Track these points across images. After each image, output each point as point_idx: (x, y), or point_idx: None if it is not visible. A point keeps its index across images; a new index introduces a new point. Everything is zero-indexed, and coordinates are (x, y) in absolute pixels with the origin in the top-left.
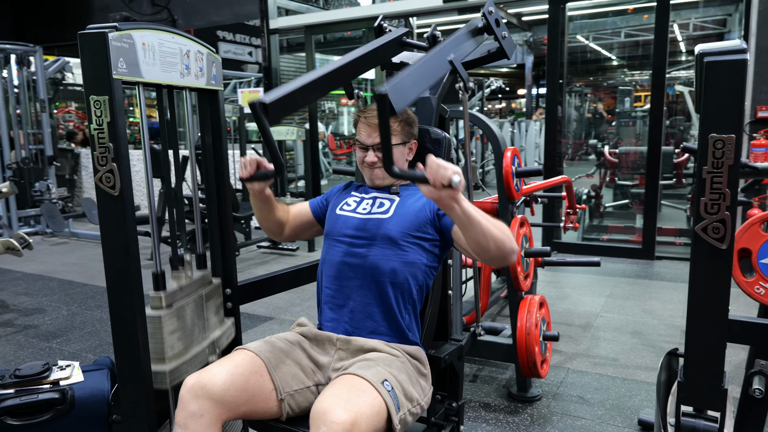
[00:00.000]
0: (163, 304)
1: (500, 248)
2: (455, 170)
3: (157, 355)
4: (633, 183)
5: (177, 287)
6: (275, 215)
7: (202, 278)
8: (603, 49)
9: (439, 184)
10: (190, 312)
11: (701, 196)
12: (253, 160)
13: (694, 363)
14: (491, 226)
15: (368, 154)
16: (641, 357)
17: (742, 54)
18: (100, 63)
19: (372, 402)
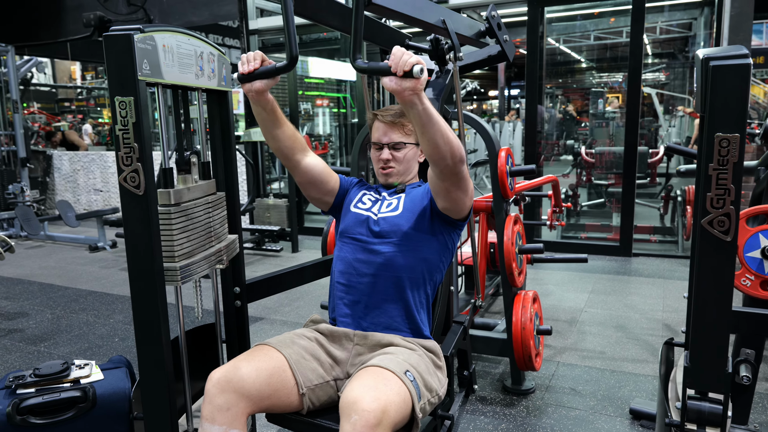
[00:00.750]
0: (171, 201)
1: (453, 153)
2: (417, 60)
3: (168, 252)
4: (609, 182)
5: (184, 187)
6: (283, 132)
7: (207, 185)
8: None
9: (401, 70)
10: (197, 215)
11: (707, 192)
12: (258, 54)
13: (700, 349)
14: (447, 129)
15: (383, 152)
16: (627, 350)
17: (747, 59)
18: (125, 64)
19: (398, 391)
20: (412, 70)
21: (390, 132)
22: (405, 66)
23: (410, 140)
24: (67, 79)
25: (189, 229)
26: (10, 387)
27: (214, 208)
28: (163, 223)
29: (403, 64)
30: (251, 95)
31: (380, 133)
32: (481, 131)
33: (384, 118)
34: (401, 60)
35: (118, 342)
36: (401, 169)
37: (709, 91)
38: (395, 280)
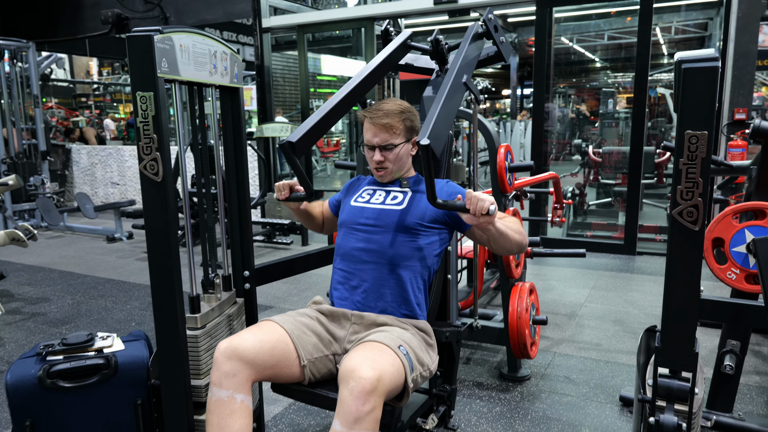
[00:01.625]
0: (198, 325)
1: (520, 248)
2: (491, 201)
3: (194, 370)
4: (616, 182)
5: (209, 309)
6: (315, 221)
7: (228, 299)
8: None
9: (479, 213)
10: (219, 332)
11: (678, 185)
12: (285, 185)
13: (670, 330)
14: (515, 234)
15: (375, 154)
16: (623, 342)
17: (715, 62)
18: (146, 62)
19: (392, 362)
20: (488, 211)
21: (380, 133)
22: (482, 210)
23: (400, 140)
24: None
25: (213, 347)
26: (41, 354)
27: (235, 319)
28: (191, 346)
29: (481, 209)
30: (289, 208)
31: (371, 135)
32: (482, 128)
33: (373, 120)
34: (477, 206)
35: (134, 326)
36: (394, 168)
37: (680, 92)
38: (392, 268)
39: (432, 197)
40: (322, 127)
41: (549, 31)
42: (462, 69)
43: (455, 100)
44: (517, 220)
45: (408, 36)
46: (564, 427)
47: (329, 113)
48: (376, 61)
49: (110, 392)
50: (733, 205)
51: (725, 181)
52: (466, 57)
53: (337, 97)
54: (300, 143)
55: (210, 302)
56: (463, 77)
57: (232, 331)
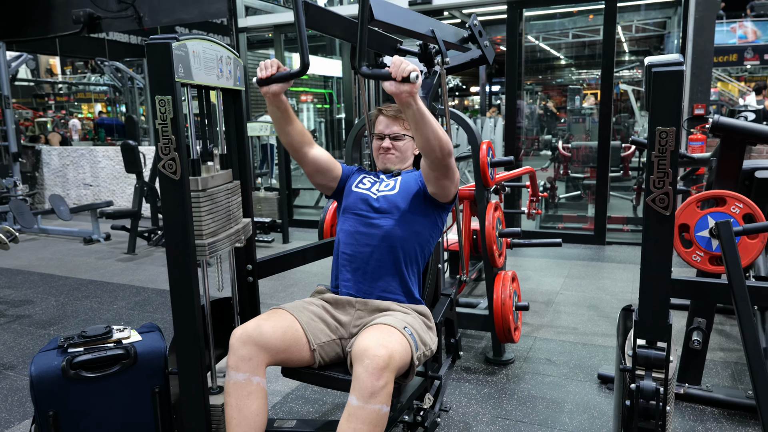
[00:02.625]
0: (199, 186)
1: (442, 146)
2: (414, 67)
3: (197, 231)
4: (584, 175)
5: (208, 176)
6: (294, 128)
7: (226, 174)
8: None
9: (399, 76)
10: (219, 199)
11: (650, 175)
12: (274, 61)
13: (646, 304)
14: (438, 127)
15: (385, 141)
16: (597, 326)
17: (680, 66)
18: (165, 68)
19: (400, 341)
20: (409, 76)
21: (392, 125)
22: (404, 72)
23: (408, 133)
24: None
25: (214, 211)
26: (62, 346)
27: (232, 194)
28: (193, 206)
29: (402, 71)
30: (268, 96)
31: (383, 126)
32: (464, 126)
33: (387, 113)
34: (400, 68)
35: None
36: (399, 157)
37: (651, 92)
38: (392, 251)
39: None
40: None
41: (520, 31)
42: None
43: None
44: None
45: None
46: (548, 404)
47: None
48: None
49: (130, 381)
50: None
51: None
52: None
53: None
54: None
55: (209, 172)
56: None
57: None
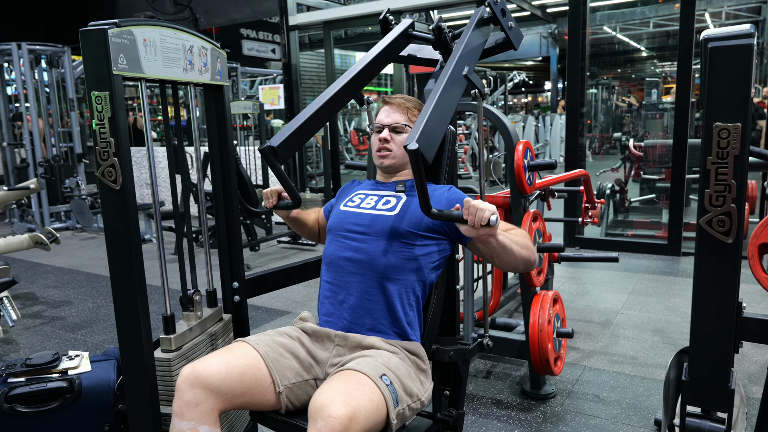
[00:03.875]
0: (172, 347)
1: (526, 265)
2: (492, 210)
3: (167, 396)
4: (659, 177)
5: (187, 328)
6: (308, 227)
7: (212, 316)
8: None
9: (478, 224)
10: (199, 353)
11: (705, 188)
12: (273, 191)
13: (700, 361)
14: (521, 250)
15: (383, 132)
16: (661, 355)
17: (749, 38)
18: (100, 59)
19: (371, 396)
20: (488, 221)
21: (393, 113)
22: (482, 221)
23: (412, 125)
24: None
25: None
26: (1, 375)
27: (219, 339)
28: (163, 371)
29: (480, 219)
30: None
31: (384, 115)
32: (498, 123)
33: (392, 100)
34: (477, 216)
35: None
36: (398, 153)
37: (707, 76)
38: (381, 280)
39: (426, 207)
40: (308, 130)
41: (584, 20)
42: (462, 59)
43: (453, 95)
44: (525, 233)
45: (409, 25)
46: None
47: (317, 113)
48: (372, 53)
49: (74, 418)
50: None
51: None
52: (467, 45)
53: (325, 96)
54: (282, 148)
55: (189, 321)
56: (464, 69)
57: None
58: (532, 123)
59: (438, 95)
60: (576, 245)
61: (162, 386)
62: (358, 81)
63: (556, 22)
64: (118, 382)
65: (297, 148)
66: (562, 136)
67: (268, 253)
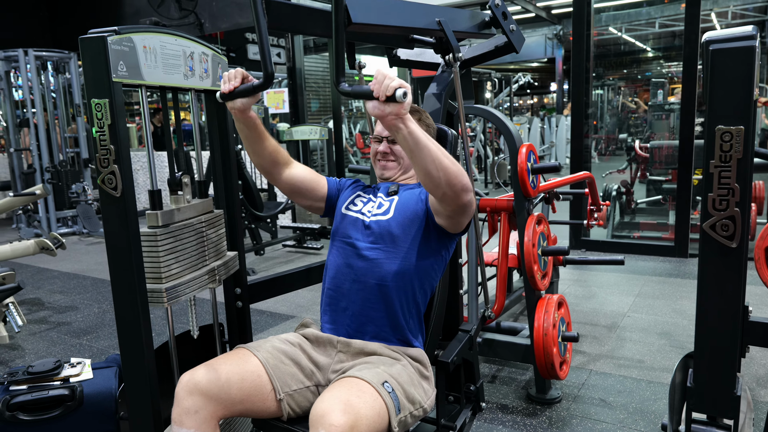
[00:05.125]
0: (159, 222)
1: (450, 181)
2: (401, 83)
3: (153, 273)
4: (666, 178)
5: (174, 207)
6: (265, 148)
7: (202, 204)
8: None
9: (383, 95)
10: (187, 235)
11: (708, 192)
12: (238, 71)
13: (705, 368)
14: (441, 155)
15: (382, 144)
16: (668, 359)
17: (751, 41)
18: (99, 66)
19: (372, 403)
20: (395, 94)
21: None
22: (387, 91)
23: None
24: None
25: (177, 250)
26: (3, 384)
27: (209, 227)
28: (148, 245)
29: (385, 88)
30: (234, 112)
31: (381, 127)
32: (500, 125)
33: None
34: (383, 84)
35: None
36: (399, 165)
37: (709, 79)
38: (383, 288)
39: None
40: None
41: (588, 21)
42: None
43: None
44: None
45: None
46: None
47: None
48: None
49: (75, 426)
50: None
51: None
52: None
53: None
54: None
55: (177, 203)
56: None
57: (205, 240)
58: (538, 125)
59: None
60: (582, 247)
61: (148, 263)
62: None
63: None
64: (119, 389)
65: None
66: (567, 138)
67: (273, 257)
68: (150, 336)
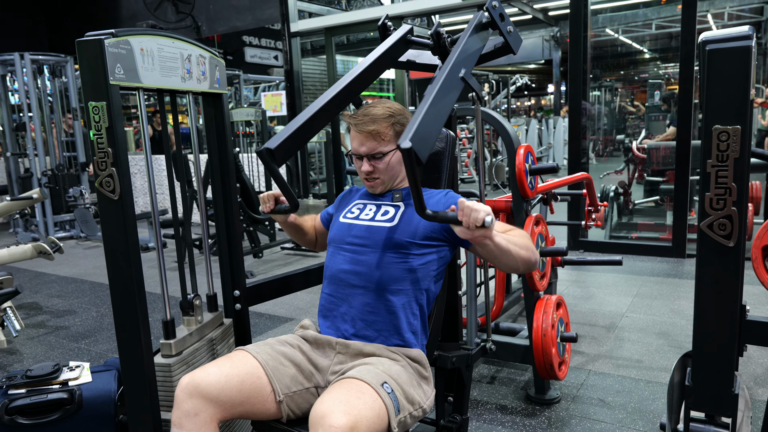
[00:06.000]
0: (173, 352)
1: (527, 266)
2: (487, 211)
3: (167, 402)
4: (663, 179)
5: (187, 333)
6: (306, 235)
7: (213, 320)
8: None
9: (472, 225)
10: (200, 358)
11: (706, 191)
12: (270, 195)
13: (703, 367)
14: (521, 251)
15: (364, 164)
16: (667, 359)
17: (747, 41)
18: (96, 69)
19: (372, 404)
20: (483, 223)
21: (366, 142)
22: (476, 223)
23: (390, 147)
24: None
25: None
26: (1, 387)
27: (219, 343)
28: (163, 376)
29: (474, 221)
30: (277, 221)
31: (357, 144)
32: (498, 127)
33: (359, 128)
34: (471, 218)
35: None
36: (386, 178)
37: (706, 79)
38: (382, 292)
39: (420, 207)
40: (306, 132)
41: (585, 23)
42: (459, 63)
43: (449, 97)
44: (525, 234)
45: (407, 30)
46: None
47: (314, 116)
48: (370, 58)
49: (74, 429)
50: None
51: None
52: (465, 48)
53: (323, 99)
54: (280, 150)
55: (189, 326)
56: (460, 71)
57: (216, 356)
58: (535, 126)
59: (434, 95)
60: (580, 248)
61: (162, 392)
62: (356, 85)
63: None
64: (118, 392)
65: (294, 151)
66: (565, 139)
67: (271, 259)
68: (149, 339)
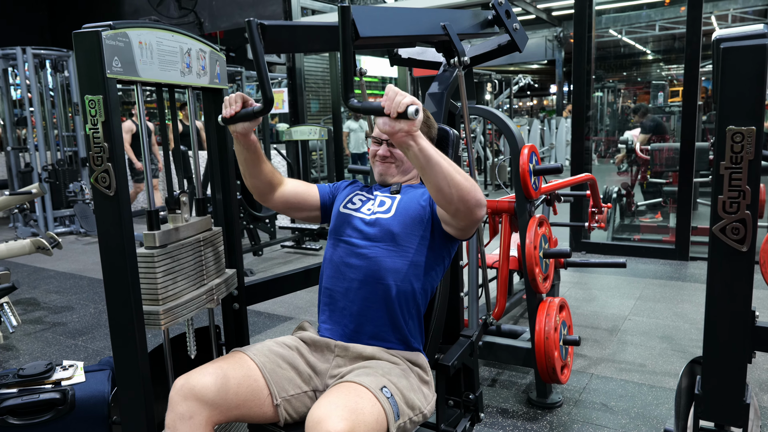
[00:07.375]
0: (156, 243)
1: (463, 198)
2: (414, 101)
3: (150, 295)
4: (666, 180)
5: (172, 227)
6: (262, 171)
7: (200, 222)
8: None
9: (394, 111)
10: (185, 255)
11: (719, 194)
12: (239, 95)
13: (714, 375)
14: (453, 171)
15: (381, 148)
16: (670, 363)
17: (762, 39)
18: (93, 62)
19: (371, 409)
20: (406, 111)
21: None
22: (398, 108)
23: None
24: None
25: (175, 271)
26: None
27: (207, 246)
28: (145, 266)
29: (396, 105)
30: (236, 136)
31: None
32: (502, 127)
33: None
34: (394, 101)
35: (150, 338)
36: (400, 167)
37: (719, 78)
38: (383, 287)
39: (345, 96)
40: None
41: (589, 23)
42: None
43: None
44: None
45: None
46: None
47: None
48: None
49: (66, 430)
50: None
51: None
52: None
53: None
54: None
55: (175, 222)
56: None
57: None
58: (538, 126)
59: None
60: (583, 250)
61: (145, 284)
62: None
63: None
64: (112, 393)
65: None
66: (567, 139)
67: (271, 257)
68: (144, 338)
